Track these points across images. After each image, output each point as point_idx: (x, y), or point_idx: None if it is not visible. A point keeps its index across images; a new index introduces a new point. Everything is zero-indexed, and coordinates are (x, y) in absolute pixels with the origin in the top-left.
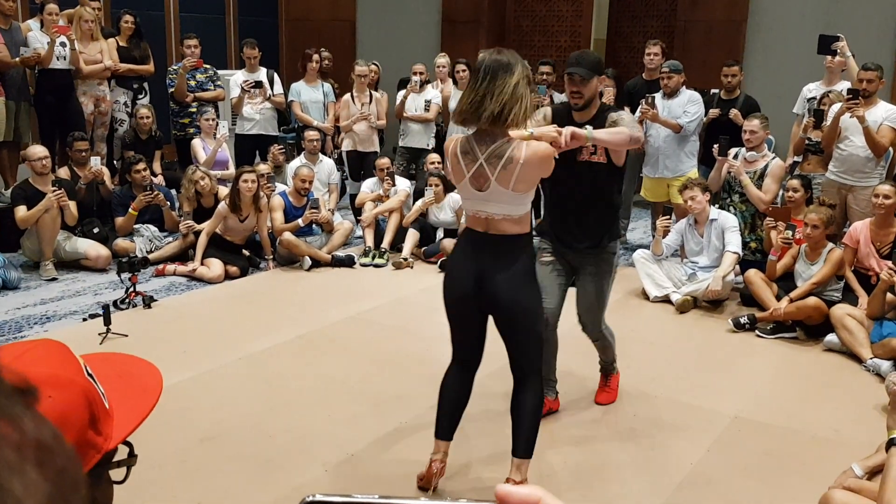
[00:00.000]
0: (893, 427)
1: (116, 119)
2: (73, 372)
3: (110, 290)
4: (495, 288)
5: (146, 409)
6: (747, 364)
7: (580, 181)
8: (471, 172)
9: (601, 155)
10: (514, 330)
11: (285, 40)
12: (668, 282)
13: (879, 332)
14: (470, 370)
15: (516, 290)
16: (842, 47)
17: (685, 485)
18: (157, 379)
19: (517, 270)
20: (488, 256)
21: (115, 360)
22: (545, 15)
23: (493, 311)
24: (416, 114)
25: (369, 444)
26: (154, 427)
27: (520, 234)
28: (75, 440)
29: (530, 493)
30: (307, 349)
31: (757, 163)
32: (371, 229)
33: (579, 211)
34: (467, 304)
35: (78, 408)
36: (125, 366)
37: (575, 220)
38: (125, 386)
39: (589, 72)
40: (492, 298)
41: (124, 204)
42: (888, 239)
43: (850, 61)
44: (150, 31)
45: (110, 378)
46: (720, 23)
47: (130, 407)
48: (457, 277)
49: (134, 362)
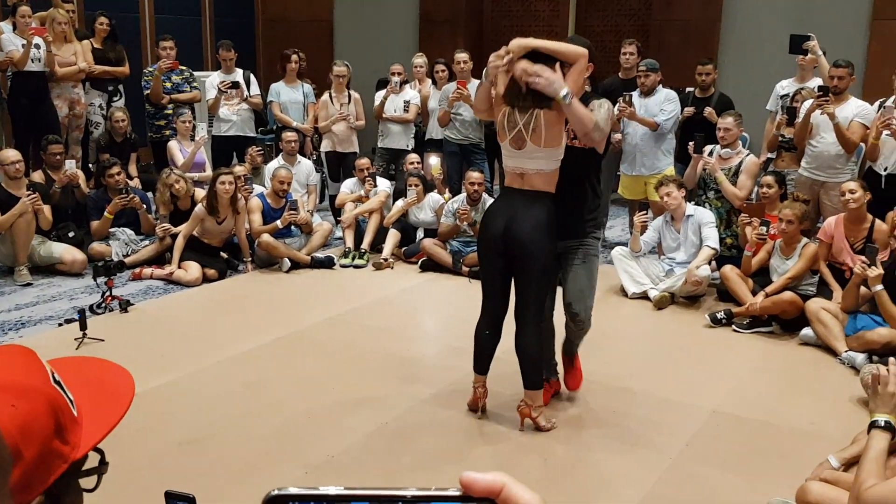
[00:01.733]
0: (874, 411)
1: (91, 122)
2: (38, 380)
3: (86, 294)
4: (519, 229)
5: (116, 417)
6: (724, 359)
7: (570, 163)
8: (511, 135)
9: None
10: (526, 272)
11: (262, 41)
12: (645, 278)
13: (854, 325)
14: (497, 319)
15: (537, 235)
16: (812, 46)
17: (664, 479)
18: (129, 384)
19: (541, 220)
20: (519, 205)
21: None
22: (523, 14)
23: (514, 251)
24: (395, 115)
25: (350, 446)
26: (131, 432)
27: (547, 192)
28: (39, 450)
29: (494, 479)
30: (287, 351)
31: (731, 160)
32: (351, 230)
33: (563, 196)
34: (497, 245)
35: (42, 417)
36: (96, 371)
37: (559, 204)
38: (95, 392)
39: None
40: (515, 238)
41: (100, 207)
42: (861, 234)
43: (822, 59)
44: (125, 32)
45: (80, 384)
46: (695, 22)
47: (100, 414)
48: (490, 222)
49: (105, 367)
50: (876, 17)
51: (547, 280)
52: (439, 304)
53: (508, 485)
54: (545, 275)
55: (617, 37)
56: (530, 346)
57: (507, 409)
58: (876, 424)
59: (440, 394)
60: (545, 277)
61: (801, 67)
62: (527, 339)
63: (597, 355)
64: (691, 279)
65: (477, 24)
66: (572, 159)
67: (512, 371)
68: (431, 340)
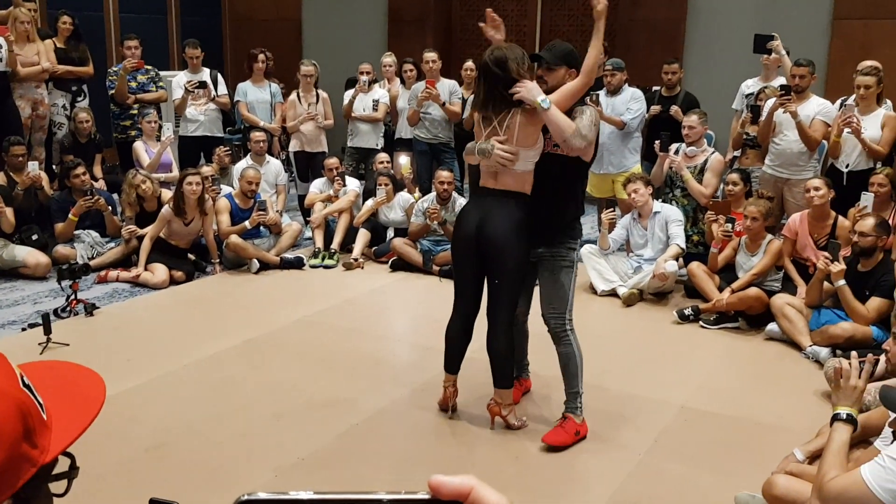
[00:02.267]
0: (836, 404)
1: (55, 122)
2: (6, 383)
3: (50, 298)
4: (492, 229)
5: (87, 420)
6: (692, 354)
7: (544, 172)
8: (485, 132)
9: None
10: (498, 272)
11: (229, 40)
12: (614, 275)
13: (818, 320)
14: (469, 319)
15: (509, 235)
16: (776, 46)
17: (634, 475)
18: (100, 388)
19: (513, 220)
20: (492, 205)
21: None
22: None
23: (486, 250)
24: (364, 114)
25: (320, 448)
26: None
27: (520, 192)
28: (8, 454)
29: (462, 482)
30: (255, 353)
31: (697, 158)
32: (321, 230)
33: (539, 203)
34: (469, 245)
35: (10, 420)
36: (66, 375)
37: (538, 211)
38: (66, 396)
39: (556, 60)
40: (487, 237)
41: (64, 209)
42: (825, 231)
43: (785, 59)
44: (88, 32)
45: (50, 388)
46: (661, 21)
47: (70, 418)
48: (463, 222)
49: (75, 371)
50: (837, 16)
51: (519, 280)
52: (410, 303)
53: (476, 487)
54: (517, 274)
55: (583, 36)
56: (501, 345)
57: (478, 408)
58: (838, 417)
59: (411, 394)
60: (517, 277)
61: (766, 67)
62: (498, 338)
63: None
64: (657, 272)
65: (445, 24)
66: (552, 167)
67: (482, 370)
68: (402, 340)
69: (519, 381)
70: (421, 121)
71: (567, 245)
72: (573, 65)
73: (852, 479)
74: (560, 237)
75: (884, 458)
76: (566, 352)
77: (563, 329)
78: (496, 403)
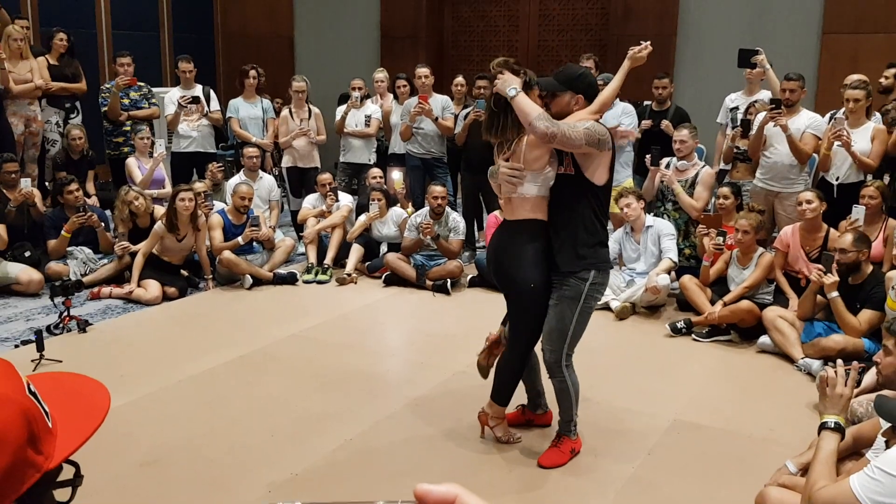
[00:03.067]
0: (824, 413)
1: (48, 139)
2: (12, 389)
3: (43, 315)
4: (504, 264)
5: (91, 428)
6: (684, 368)
7: (557, 193)
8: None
9: (568, 166)
10: (513, 303)
11: (222, 56)
12: (607, 289)
13: (810, 332)
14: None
15: (518, 269)
16: (761, 60)
17: (627, 488)
18: (105, 397)
19: (523, 253)
20: (504, 238)
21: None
22: (483, 30)
23: (501, 283)
24: (356, 129)
25: (313, 463)
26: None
27: (533, 220)
28: (12, 459)
29: (447, 490)
30: (249, 369)
31: (688, 171)
32: (314, 245)
33: (554, 227)
34: (496, 280)
35: (15, 426)
36: (72, 384)
37: (552, 229)
38: (71, 405)
39: (558, 86)
40: (500, 273)
41: (57, 226)
42: (816, 243)
43: (770, 72)
44: (82, 48)
45: (56, 397)
46: (651, 36)
47: (75, 426)
48: (488, 253)
49: (80, 381)
50: (826, 31)
51: (535, 311)
52: (403, 318)
53: (461, 496)
54: (532, 306)
55: (574, 52)
56: (506, 366)
57: (472, 423)
58: (825, 426)
59: (404, 409)
60: (531, 309)
61: (749, 81)
62: (509, 360)
63: None
64: (650, 286)
65: (437, 40)
66: (562, 189)
67: (478, 386)
68: (395, 356)
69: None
70: (413, 136)
71: (578, 275)
72: (580, 90)
73: (841, 490)
74: (570, 266)
75: (873, 469)
76: (559, 387)
77: (558, 364)
78: (484, 413)
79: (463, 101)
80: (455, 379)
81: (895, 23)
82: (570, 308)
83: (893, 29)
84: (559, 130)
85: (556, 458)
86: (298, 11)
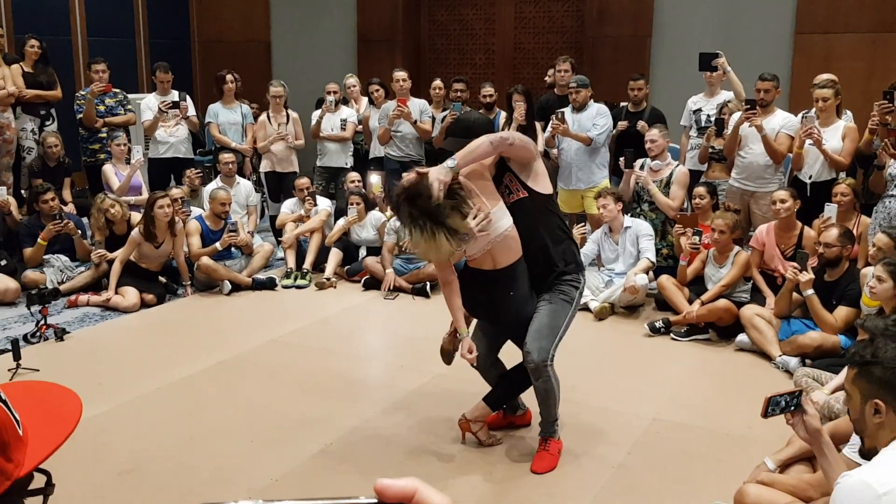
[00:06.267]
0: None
1: (24, 147)
2: None
3: (20, 323)
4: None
5: (62, 436)
6: (663, 367)
7: (518, 220)
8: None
9: (519, 190)
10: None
11: (198, 63)
12: (586, 290)
13: (787, 329)
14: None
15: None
16: (722, 63)
17: (608, 488)
18: (76, 405)
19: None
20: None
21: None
22: (459, 33)
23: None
24: (332, 133)
25: (294, 468)
26: (70, 462)
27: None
28: None
29: (406, 484)
30: (228, 375)
31: (662, 171)
32: (292, 250)
33: (528, 246)
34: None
35: None
36: (43, 393)
37: (528, 254)
38: (42, 413)
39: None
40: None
41: (33, 234)
42: (791, 241)
43: (731, 74)
44: (57, 55)
45: (27, 405)
46: (626, 38)
47: (47, 434)
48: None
49: (52, 389)
50: (799, 31)
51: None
52: (383, 322)
53: (420, 490)
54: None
55: (549, 54)
56: (515, 376)
57: (452, 425)
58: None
59: (384, 413)
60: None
61: (710, 83)
62: (519, 370)
63: None
64: (628, 286)
65: (414, 44)
66: (524, 212)
67: (459, 390)
68: (375, 359)
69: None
70: (392, 139)
71: (570, 283)
72: (479, 134)
73: None
74: (556, 267)
75: None
76: (544, 387)
77: (545, 363)
78: (465, 419)
79: (441, 104)
80: (435, 382)
81: (867, 22)
82: (563, 310)
83: (865, 28)
84: (512, 135)
85: (549, 462)
86: (275, 17)
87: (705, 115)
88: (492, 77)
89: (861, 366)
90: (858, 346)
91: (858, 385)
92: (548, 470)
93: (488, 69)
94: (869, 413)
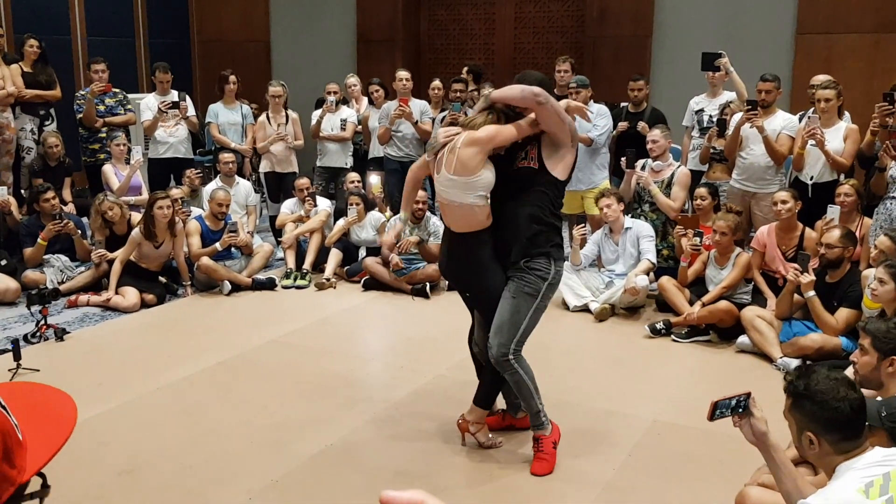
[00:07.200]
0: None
1: (23, 147)
2: None
3: (20, 323)
4: (458, 271)
5: (61, 440)
6: (664, 368)
7: (511, 189)
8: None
9: (532, 160)
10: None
11: (198, 62)
12: (586, 291)
13: (788, 331)
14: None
15: (473, 276)
16: (724, 63)
17: (608, 490)
18: (72, 408)
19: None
20: (454, 244)
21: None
22: (459, 33)
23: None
24: (331, 133)
25: (294, 469)
26: (69, 462)
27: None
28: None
29: (412, 497)
30: (228, 376)
31: (663, 172)
32: (292, 251)
33: (507, 222)
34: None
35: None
36: (38, 396)
37: (503, 231)
38: (39, 416)
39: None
40: (456, 279)
41: (33, 234)
42: (793, 242)
43: (733, 74)
44: (56, 55)
45: (24, 409)
46: (627, 38)
47: (45, 438)
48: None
49: (47, 392)
50: (800, 31)
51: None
52: (383, 322)
53: (426, 501)
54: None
55: (549, 54)
56: (490, 369)
57: (452, 428)
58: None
59: (384, 413)
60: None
61: (712, 84)
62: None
63: (538, 368)
64: (628, 287)
65: (414, 44)
66: (522, 182)
67: (458, 389)
68: (375, 360)
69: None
70: (392, 139)
71: (537, 272)
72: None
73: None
74: (528, 260)
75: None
76: (513, 380)
77: (506, 358)
78: (464, 420)
79: (440, 104)
80: (435, 382)
81: (868, 23)
82: (526, 303)
83: (866, 29)
84: (548, 97)
85: (545, 464)
86: (274, 17)
87: (708, 115)
88: (492, 77)
89: (795, 397)
90: (794, 375)
91: (794, 416)
92: (546, 472)
93: (488, 69)
94: (805, 443)
